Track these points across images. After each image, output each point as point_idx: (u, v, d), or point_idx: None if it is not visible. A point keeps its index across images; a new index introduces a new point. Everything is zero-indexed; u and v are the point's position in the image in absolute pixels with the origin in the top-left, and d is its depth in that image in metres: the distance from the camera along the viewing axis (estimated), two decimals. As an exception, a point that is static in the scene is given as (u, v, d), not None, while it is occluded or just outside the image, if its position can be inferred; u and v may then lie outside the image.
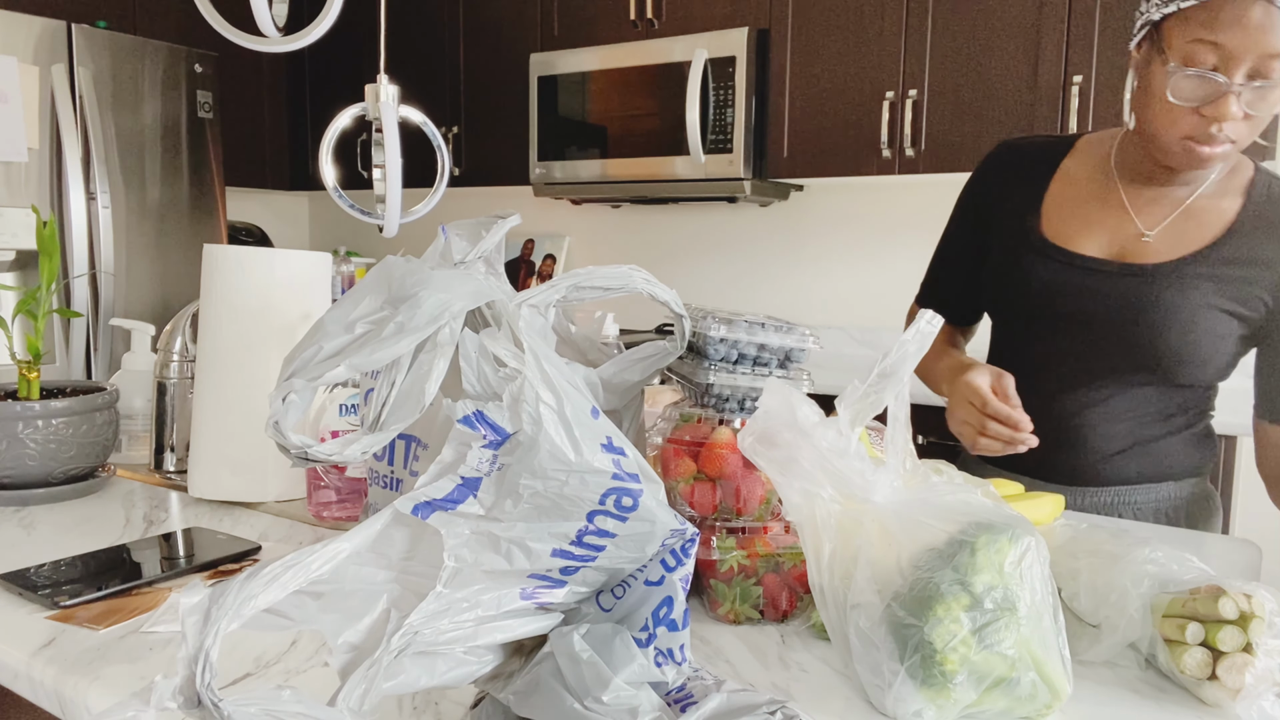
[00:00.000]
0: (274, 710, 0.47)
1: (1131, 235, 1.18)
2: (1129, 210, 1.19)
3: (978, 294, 1.35)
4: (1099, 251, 1.20)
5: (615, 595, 0.63)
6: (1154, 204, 1.19)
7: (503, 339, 0.57)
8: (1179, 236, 1.17)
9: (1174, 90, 1.04)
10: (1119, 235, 1.20)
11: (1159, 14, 1.05)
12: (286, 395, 0.50)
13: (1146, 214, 1.19)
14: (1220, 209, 1.16)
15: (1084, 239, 1.21)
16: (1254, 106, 1.02)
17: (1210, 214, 1.17)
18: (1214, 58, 1.01)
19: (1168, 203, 1.18)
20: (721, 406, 0.85)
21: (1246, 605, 0.69)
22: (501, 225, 0.77)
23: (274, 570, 0.48)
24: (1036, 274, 1.22)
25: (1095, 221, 1.21)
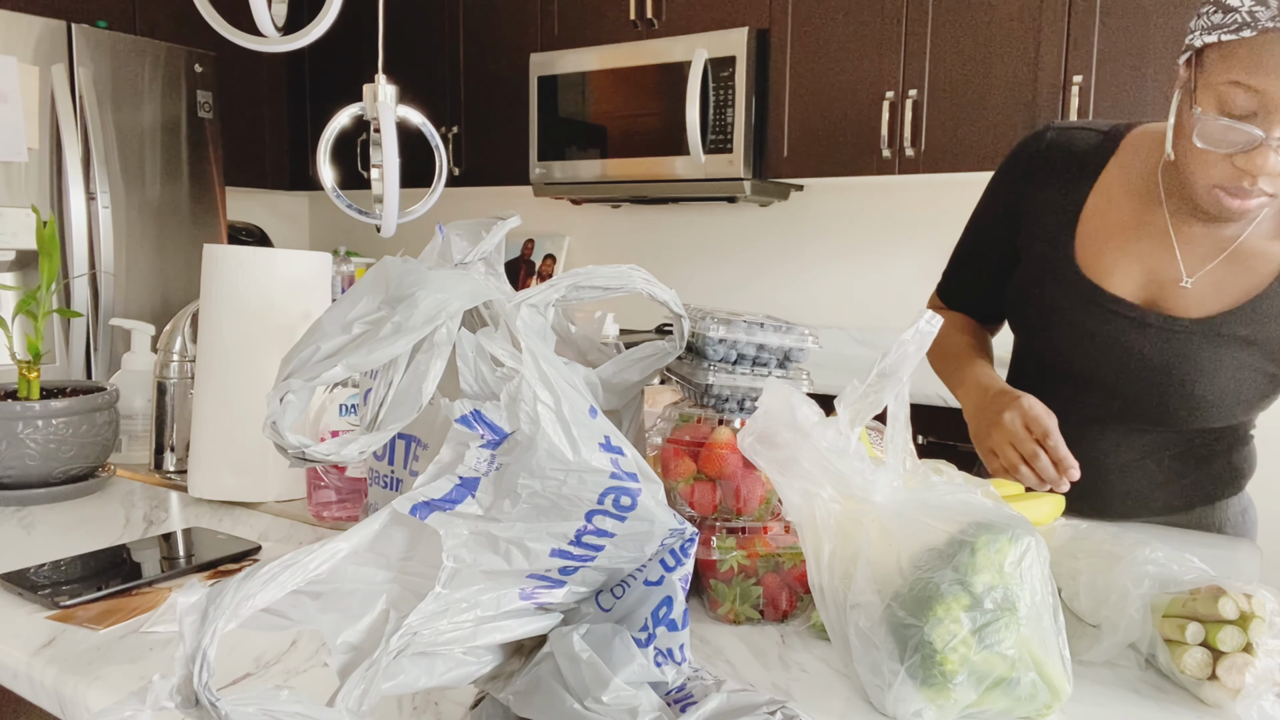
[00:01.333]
0: (272, 710, 0.47)
1: (1170, 280, 1.08)
2: (1173, 245, 1.07)
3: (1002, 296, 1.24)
4: (1133, 294, 1.10)
5: (615, 595, 0.63)
6: (1200, 240, 1.07)
7: (500, 339, 0.57)
8: (1220, 287, 1.06)
9: (1201, 135, 0.94)
10: (1156, 276, 1.09)
11: (1200, 41, 0.95)
12: (284, 395, 0.50)
13: (1189, 252, 1.07)
14: (1266, 254, 1.05)
15: (1119, 277, 1.10)
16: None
17: (1258, 259, 1.05)
18: (1253, 104, 0.90)
19: (1214, 242, 1.06)
20: (721, 406, 0.85)
21: (1246, 605, 0.69)
22: (501, 226, 0.77)
23: (272, 570, 0.48)
24: (1063, 309, 1.13)
25: (1133, 255, 1.09)
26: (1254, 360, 1.06)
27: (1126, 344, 1.10)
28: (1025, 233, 1.19)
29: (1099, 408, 1.16)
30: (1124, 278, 1.10)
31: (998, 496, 0.71)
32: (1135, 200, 1.10)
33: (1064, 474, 0.99)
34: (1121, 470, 1.17)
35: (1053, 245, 1.14)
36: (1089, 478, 1.11)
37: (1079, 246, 1.12)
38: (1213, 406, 1.07)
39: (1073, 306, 1.13)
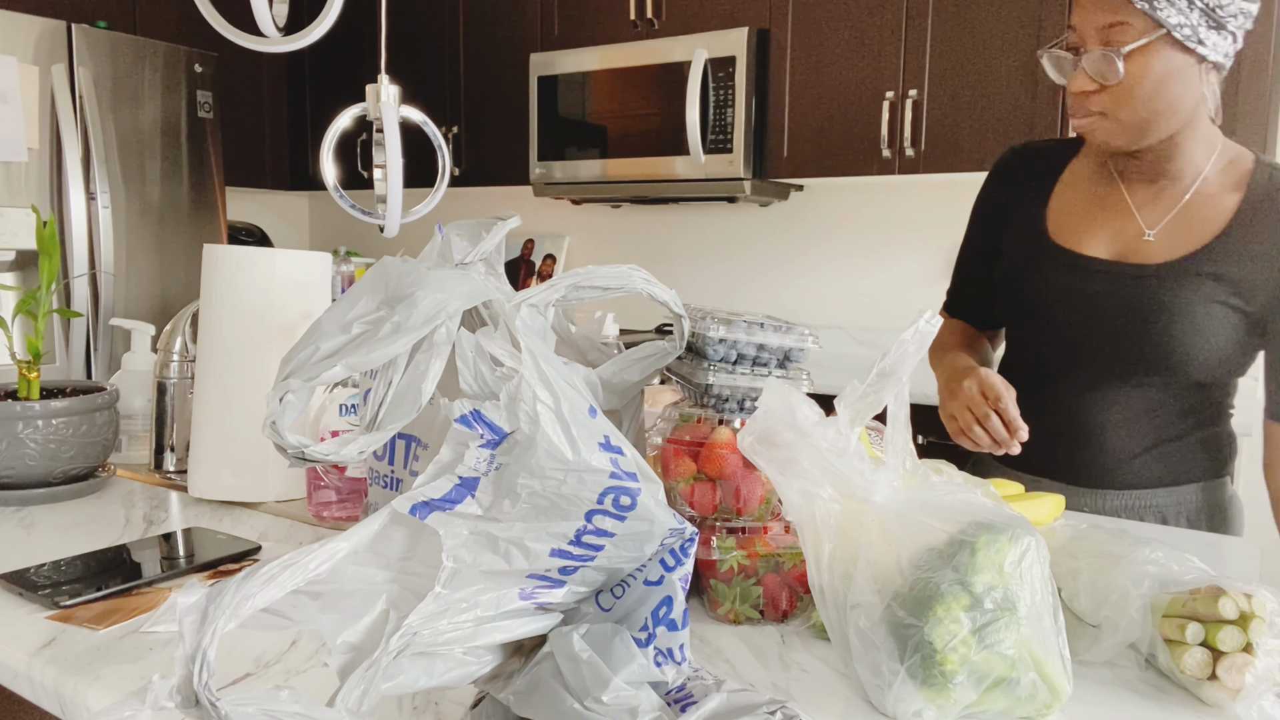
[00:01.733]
0: (272, 710, 0.47)
1: (1133, 235, 1.20)
2: (1131, 209, 1.20)
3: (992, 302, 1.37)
4: (1104, 253, 1.21)
5: (615, 595, 0.63)
6: (1154, 202, 1.20)
7: (500, 338, 0.57)
8: (1180, 234, 1.17)
9: (1051, 70, 1.15)
10: (1122, 236, 1.21)
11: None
12: (283, 395, 0.50)
13: (1147, 211, 1.20)
14: (1220, 203, 1.17)
15: (1089, 240, 1.22)
16: (1105, 77, 1.08)
17: (1210, 209, 1.17)
18: (1074, 38, 1.11)
19: (1167, 199, 1.19)
20: (721, 406, 0.85)
21: (1246, 605, 0.69)
22: (501, 226, 0.77)
23: (272, 570, 0.48)
24: (1045, 278, 1.24)
25: (1099, 223, 1.22)
26: (1220, 295, 1.15)
27: (1103, 292, 1.20)
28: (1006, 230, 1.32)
29: (1087, 367, 1.23)
30: (1094, 241, 1.22)
31: (998, 496, 0.71)
32: (1096, 182, 1.25)
33: (1014, 435, 1.07)
34: (1112, 429, 1.23)
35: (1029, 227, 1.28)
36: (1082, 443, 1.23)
37: (1051, 224, 1.26)
38: (1189, 347, 1.16)
39: (1054, 272, 1.24)
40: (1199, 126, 1.15)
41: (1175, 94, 1.09)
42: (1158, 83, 1.07)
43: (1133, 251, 1.20)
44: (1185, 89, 1.09)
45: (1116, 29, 1.06)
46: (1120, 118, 1.10)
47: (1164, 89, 1.08)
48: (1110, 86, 1.08)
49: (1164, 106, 1.10)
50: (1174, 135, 1.14)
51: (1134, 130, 1.12)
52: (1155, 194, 1.20)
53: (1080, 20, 1.09)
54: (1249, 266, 1.14)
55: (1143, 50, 1.06)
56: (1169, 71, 1.07)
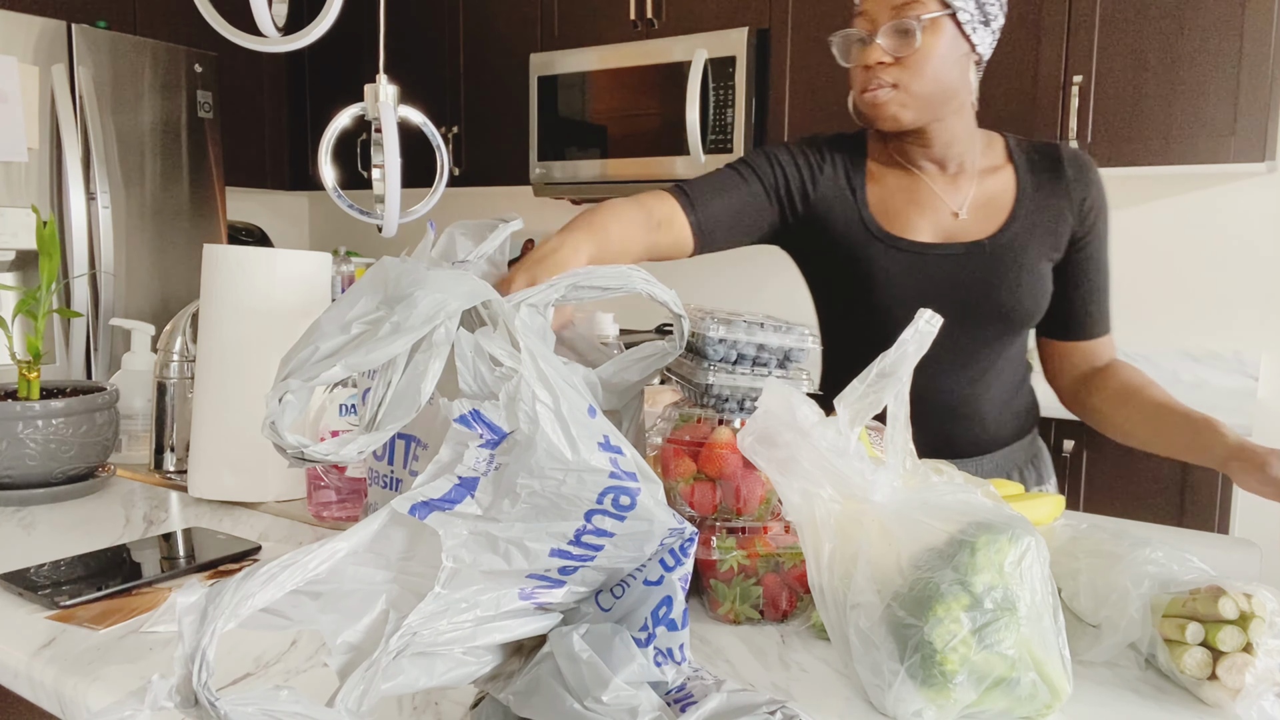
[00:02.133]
0: (271, 710, 0.47)
1: (948, 217, 1.30)
2: (937, 194, 1.30)
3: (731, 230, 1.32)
4: (931, 237, 1.30)
5: (614, 595, 0.63)
6: (953, 186, 1.30)
7: (499, 338, 0.57)
8: (986, 210, 1.29)
9: (839, 54, 1.23)
10: (939, 219, 1.30)
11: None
12: (283, 395, 0.50)
13: (950, 195, 1.30)
14: (1004, 179, 1.30)
15: (914, 227, 1.30)
16: (898, 49, 1.17)
17: (998, 185, 1.30)
18: (865, 23, 1.19)
19: (963, 183, 1.30)
20: (721, 406, 0.85)
21: (1246, 605, 0.69)
22: (504, 229, 0.77)
23: (271, 570, 0.48)
24: (886, 267, 1.30)
25: (915, 211, 1.31)
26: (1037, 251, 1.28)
27: (944, 273, 1.29)
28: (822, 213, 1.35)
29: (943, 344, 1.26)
30: (918, 227, 1.30)
31: (997, 496, 0.71)
32: (897, 175, 1.33)
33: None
34: (976, 398, 1.33)
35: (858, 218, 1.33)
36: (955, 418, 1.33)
37: (877, 215, 1.32)
38: (1029, 305, 1.28)
39: (895, 259, 1.30)
40: (966, 114, 1.26)
41: (954, 76, 1.21)
42: (942, 60, 1.19)
43: (955, 232, 1.29)
44: (960, 75, 1.22)
45: (911, 6, 1.16)
46: (911, 89, 1.19)
47: (947, 68, 1.19)
48: (903, 59, 1.18)
49: (946, 85, 1.20)
50: (949, 120, 1.25)
51: (921, 103, 1.21)
52: (951, 179, 1.30)
53: (872, 4, 1.19)
54: (1048, 223, 1.28)
55: (933, 25, 1.17)
56: (951, 53, 1.19)
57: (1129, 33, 2.34)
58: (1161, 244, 2.65)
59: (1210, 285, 2.59)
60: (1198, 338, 2.62)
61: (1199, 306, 2.61)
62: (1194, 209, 2.60)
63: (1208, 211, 2.59)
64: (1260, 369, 2.54)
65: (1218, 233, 2.58)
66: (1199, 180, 2.58)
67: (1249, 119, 2.21)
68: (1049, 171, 1.29)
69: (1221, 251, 2.58)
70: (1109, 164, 2.38)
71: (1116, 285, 2.77)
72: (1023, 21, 2.46)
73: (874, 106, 1.21)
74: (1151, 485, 2.17)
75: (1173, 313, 2.65)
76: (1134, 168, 2.37)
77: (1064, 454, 2.24)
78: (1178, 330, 2.64)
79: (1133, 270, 2.69)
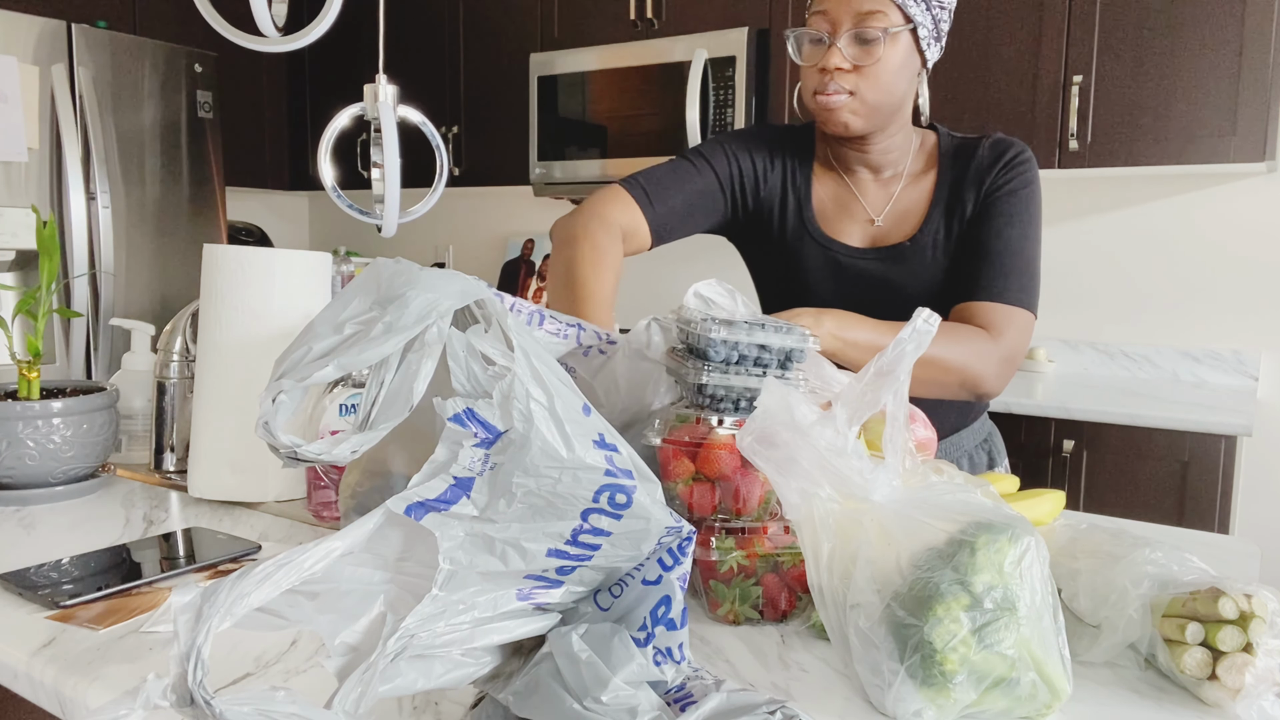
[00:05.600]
0: (268, 710, 0.47)
1: (867, 223, 1.34)
2: (859, 197, 1.34)
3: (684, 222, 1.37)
4: (857, 241, 1.34)
5: (613, 594, 0.63)
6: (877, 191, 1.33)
7: (491, 337, 0.57)
8: (904, 217, 1.31)
9: (796, 51, 1.24)
10: (862, 224, 1.34)
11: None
12: (276, 395, 0.50)
13: (870, 199, 1.34)
14: (925, 183, 1.32)
15: (846, 231, 1.34)
16: (859, 58, 1.19)
17: (919, 190, 1.32)
18: (825, 24, 1.20)
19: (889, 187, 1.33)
20: (718, 406, 0.85)
21: (1246, 605, 0.68)
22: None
23: (266, 569, 0.47)
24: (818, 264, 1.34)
25: (845, 215, 1.35)
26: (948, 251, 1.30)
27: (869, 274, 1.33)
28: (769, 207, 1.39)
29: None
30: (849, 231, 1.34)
31: (997, 496, 0.71)
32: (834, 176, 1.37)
33: None
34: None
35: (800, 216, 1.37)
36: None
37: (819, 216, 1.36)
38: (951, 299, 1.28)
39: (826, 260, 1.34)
40: (907, 124, 1.30)
41: (904, 88, 1.23)
42: (897, 72, 1.21)
43: (877, 237, 1.33)
44: (909, 86, 1.24)
45: (874, 16, 1.17)
46: (866, 99, 1.21)
47: (900, 80, 1.21)
48: (862, 68, 1.19)
49: (897, 97, 1.23)
50: (892, 129, 1.28)
51: (873, 112, 1.23)
52: (880, 185, 1.33)
53: (834, 6, 1.19)
54: (958, 218, 1.29)
55: (894, 38, 1.18)
56: (906, 65, 1.21)
57: (1129, 33, 2.33)
58: (1161, 244, 2.65)
59: (1210, 285, 2.59)
60: (1198, 338, 2.62)
61: (1199, 306, 2.61)
62: (1194, 209, 2.60)
63: (1208, 211, 2.58)
64: (1260, 369, 2.53)
65: (1218, 233, 2.57)
66: (1199, 180, 2.58)
67: (1249, 119, 2.21)
68: (965, 164, 1.29)
69: (1221, 251, 2.57)
70: (1109, 164, 2.38)
71: (1117, 285, 2.77)
72: (1023, 21, 2.46)
73: (827, 110, 1.23)
74: (1151, 485, 2.17)
75: (1173, 313, 2.64)
76: (1134, 168, 2.37)
77: (1064, 454, 2.24)
78: (1178, 330, 2.64)
79: (1133, 270, 2.69)
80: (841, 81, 1.20)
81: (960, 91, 2.55)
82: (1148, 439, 2.15)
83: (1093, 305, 2.75)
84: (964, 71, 2.54)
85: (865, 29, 1.17)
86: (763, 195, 1.38)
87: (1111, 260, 2.72)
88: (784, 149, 1.38)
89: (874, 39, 1.17)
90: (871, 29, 1.17)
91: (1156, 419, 2.12)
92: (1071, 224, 2.76)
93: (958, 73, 2.55)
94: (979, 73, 2.52)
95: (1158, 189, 2.64)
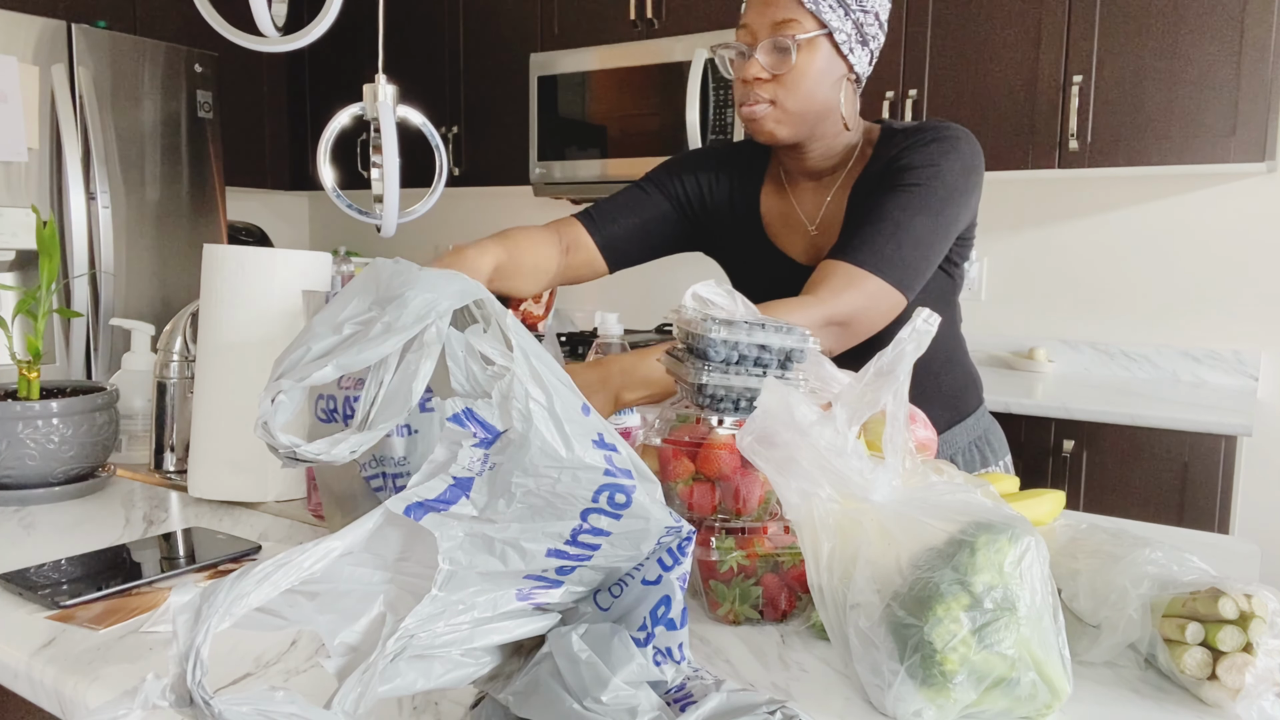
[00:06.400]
0: (267, 710, 0.47)
1: (806, 233, 1.33)
2: (797, 210, 1.34)
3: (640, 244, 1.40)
4: (800, 254, 1.33)
5: (613, 594, 0.63)
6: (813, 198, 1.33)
7: (490, 337, 0.57)
8: (833, 223, 1.30)
9: (721, 65, 1.27)
10: (802, 235, 1.34)
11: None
12: (275, 396, 0.50)
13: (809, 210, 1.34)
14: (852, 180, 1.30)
15: (789, 243, 1.34)
16: (775, 67, 1.20)
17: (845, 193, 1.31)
18: (746, 36, 1.22)
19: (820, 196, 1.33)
20: (718, 406, 0.85)
21: (1246, 605, 0.68)
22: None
23: (265, 569, 0.47)
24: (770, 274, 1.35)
25: (788, 227, 1.35)
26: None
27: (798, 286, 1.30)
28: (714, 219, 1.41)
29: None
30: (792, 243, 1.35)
31: (997, 496, 0.71)
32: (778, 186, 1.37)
33: None
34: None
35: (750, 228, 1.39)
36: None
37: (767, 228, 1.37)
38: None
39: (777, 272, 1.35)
40: (840, 130, 1.28)
41: (828, 93, 1.22)
42: (817, 78, 1.20)
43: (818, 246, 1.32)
44: (835, 92, 1.23)
45: (788, 24, 1.18)
46: (787, 106, 1.21)
47: (821, 86, 1.21)
48: (780, 76, 1.20)
49: (821, 104, 1.22)
50: (824, 137, 1.27)
51: (796, 120, 1.23)
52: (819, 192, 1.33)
53: (754, 18, 1.21)
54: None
55: (809, 45, 1.19)
56: (827, 71, 1.21)
57: (1129, 33, 2.33)
58: (1161, 244, 2.65)
59: (1210, 285, 2.59)
60: (1198, 338, 2.62)
61: (1199, 306, 2.61)
62: (1194, 209, 2.60)
63: (1208, 211, 2.58)
64: (1260, 369, 2.53)
65: (1218, 233, 2.57)
66: (1199, 180, 2.58)
67: (1249, 119, 2.21)
68: (883, 155, 1.27)
69: (1221, 251, 2.57)
70: (1109, 164, 2.38)
71: (1117, 285, 2.77)
72: (1023, 21, 2.46)
73: (751, 121, 1.24)
74: (1151, 485, 2.17)
75: (1173, 313, 2.64)
76: (1134, 168, 2.37)
77: (1064, 454, 2.24)
78: (1178, 330, 2.64)
79: (1133, 270, 2.69)
80: (761, 91, 1.21)
81: (960, 91, 2.55)
82: (1148, 439, 2.15)
83: (1093, 305, 2.75)
84: (964, 71, 2.54)
85: (779, 37, 1.18)
86: (710, 210, 1.40)
87: (1111, 260, 2.72)
88: (731, 165, 1.40)
89: (787, 47, 1.18)
90: (784, 37, 1.18)
91: (1156, 419, 2.12)
92: (1071, 224, 2.76)
93: (958, 73, 2.55)
94: (979, 73, 2.52)
95: (1158, 189, 2.64)
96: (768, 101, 1.21)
